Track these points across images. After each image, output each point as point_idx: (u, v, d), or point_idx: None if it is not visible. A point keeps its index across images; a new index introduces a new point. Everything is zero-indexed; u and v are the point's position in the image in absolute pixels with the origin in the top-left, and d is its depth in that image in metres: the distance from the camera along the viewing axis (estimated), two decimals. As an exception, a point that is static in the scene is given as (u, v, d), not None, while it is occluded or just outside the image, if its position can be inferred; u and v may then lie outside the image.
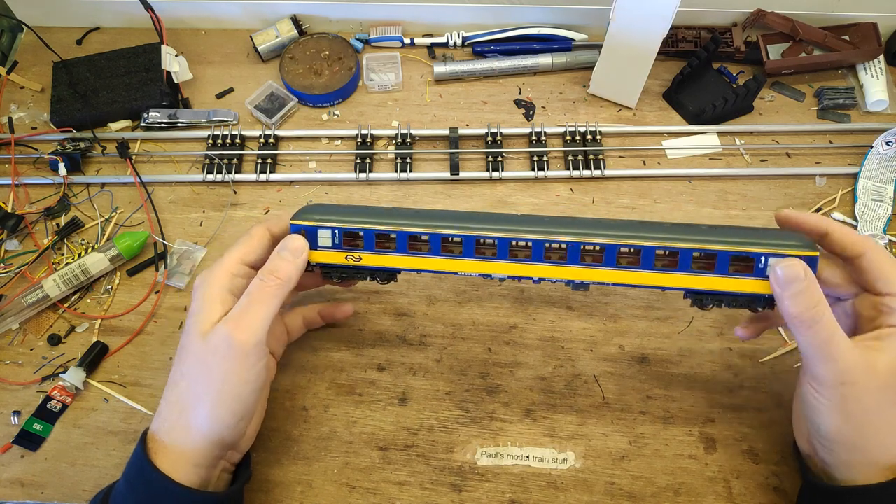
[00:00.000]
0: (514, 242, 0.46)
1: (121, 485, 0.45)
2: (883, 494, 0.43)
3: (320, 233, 0.48)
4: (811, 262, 0.42)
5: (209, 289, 0.45)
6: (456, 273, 0.48)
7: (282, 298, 0.46)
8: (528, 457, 0.53)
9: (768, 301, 0.45)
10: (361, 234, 0.47)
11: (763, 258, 0.43)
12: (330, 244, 0.48)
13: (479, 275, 0.48)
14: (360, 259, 0.48)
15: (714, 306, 0.47)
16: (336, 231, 0.47)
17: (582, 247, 0.45)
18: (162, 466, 0.43)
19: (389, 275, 0.50)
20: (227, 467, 0.47)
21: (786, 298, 0.42)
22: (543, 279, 0.47)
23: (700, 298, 0.47)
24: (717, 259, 0.44)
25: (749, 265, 0.44)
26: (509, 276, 0.47)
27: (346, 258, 0.48)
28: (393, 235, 0.47)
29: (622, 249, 0.45)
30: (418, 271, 0.48)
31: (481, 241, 0.46)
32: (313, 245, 0.48)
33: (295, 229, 0.48)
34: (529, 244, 0.46)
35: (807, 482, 0.47)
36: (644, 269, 0.45)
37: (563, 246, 0.45)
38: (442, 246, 0.47)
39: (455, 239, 0.46)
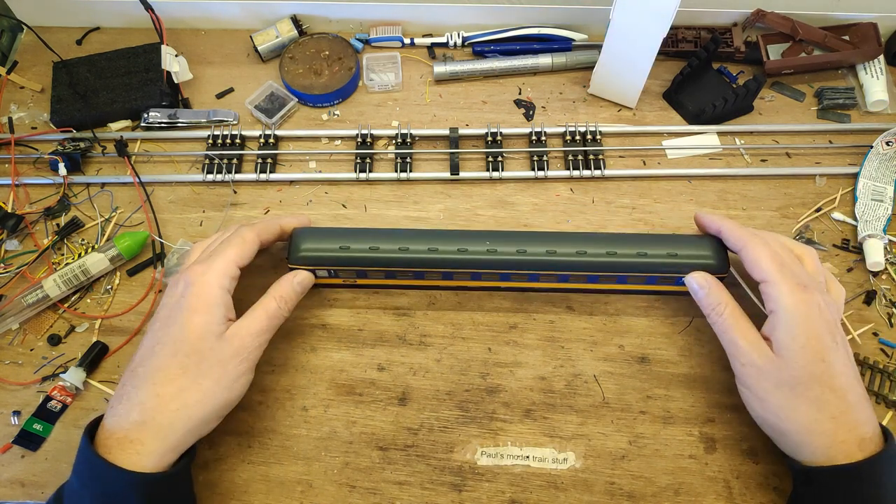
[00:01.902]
0: (484, 274, 0.54)
1: (73, 482, 0.45)
2: (854, 474, 0.44)
3: (318, 270, 0.55)
4: (722, 278, 0.53)
5: (214, 289, 0.48)
6: (438, 289, 0.59)
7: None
8: (528, 457, 0.53)
9: (685, 293, 0.54)
10: (355, 271, 0.55)
11: (681, 277, 0.53)
12: (327, 275, 0.56)
13: (455, 288, 0.59)
14: (356, 282, 0.57)
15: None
16: (332, 270, 0.55)
17: (541, 273, 0.54)
18: (123, 459, 0.43)
19: None
20: None
21: (699, 301, 0.52)
22: (511, 289, 0.58)
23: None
24: (647, 279, 0.54)
25: (672, 279, 0.54)
26: (483, 289, 0.58)
27: (342, 281, 0.57)
28: (382, 271, 0.55)
29: (574, 272, 0.54)
30: (406, 287, 0.58)
31: (458, 272, 0.54)
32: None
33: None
34: (497, 273, 0.54)
35: (791, 468, 0.48)
36: (590, 282, 0.56)
37: (527, 272, 0.54)
38: (425, 276, 0.55)
39: (436, 271, 0.54)
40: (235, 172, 0.65)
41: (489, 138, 0.66)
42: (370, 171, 0.65)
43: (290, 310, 0.52)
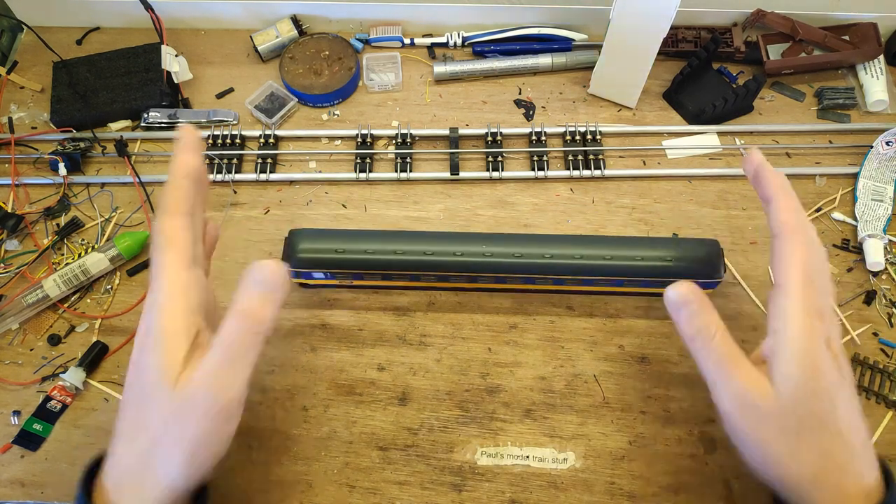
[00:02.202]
0: (480, 277, 0.54)
1: None
2: None
3: (314, 273, 0.55)
4: (714, 284, 0.48)
5: (167, 318, 0.38)
6: (437, 289, 0.59)
7: (264, 342, 0.40)
8: (528, 457, 0.53)
9: None
10: (351, 274, 0.55)
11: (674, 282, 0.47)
12: (323, 277, 0.55)
13: (454, 288, 0.59)
14: (352, 283, 0.57)
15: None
16: (328, 273, 0.55)
17: (536, 276, 0.54)
18: None
19: None
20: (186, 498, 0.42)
21: (679, 321, 0.41)
22: (508, 290, 0.58)
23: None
24: (640, 283, 0.54)
25: (667, 283, 0.46)
26: (480, 289, 0.58)
27: (338, 283, 0.57)
28: (378, 273, 0.54)
29: (570, 275, 0.53)
30: (404, 288, 0.58)
31: (452, 274, 0.54)
32: (307, 277, 0.56)
33: (293, 274, 0.54)
34: (493, 276, 0.54)
35: None
36: (585, 285, 0.55)
37: (522, 276, 0.54)
38: (422, 278, 0.56)
39: (430, 273, 0.54)
40: (235, 172, 0.65)
41: (489, 138, 0.66)
42: (370, 171, 0.65)
43: (259, 330, 0.39)
